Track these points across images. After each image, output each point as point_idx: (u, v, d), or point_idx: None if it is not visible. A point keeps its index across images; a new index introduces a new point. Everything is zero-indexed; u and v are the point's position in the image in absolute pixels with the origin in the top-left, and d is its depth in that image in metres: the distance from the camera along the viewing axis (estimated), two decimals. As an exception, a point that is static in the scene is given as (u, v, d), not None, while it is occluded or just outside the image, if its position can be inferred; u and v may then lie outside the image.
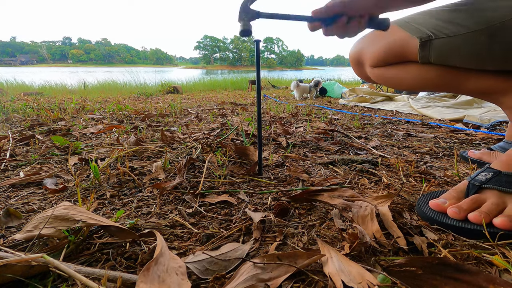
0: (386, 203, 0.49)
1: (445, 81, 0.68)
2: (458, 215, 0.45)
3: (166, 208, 0.54)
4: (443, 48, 0.62)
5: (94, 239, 0.42)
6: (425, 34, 0.63)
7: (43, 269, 0.33)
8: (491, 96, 0.69)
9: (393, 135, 1.21)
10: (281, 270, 0.34)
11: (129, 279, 0.32)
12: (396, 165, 0.77)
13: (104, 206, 0.55)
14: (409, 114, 1.94)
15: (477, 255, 0.39)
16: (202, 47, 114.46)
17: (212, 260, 0.37)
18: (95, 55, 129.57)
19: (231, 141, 1.03)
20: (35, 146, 0.97)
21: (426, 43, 0.63)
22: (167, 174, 0.71)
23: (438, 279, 0.30)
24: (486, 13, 0.57)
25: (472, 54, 0.60)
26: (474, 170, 0.76)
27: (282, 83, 6.92)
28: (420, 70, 0.69)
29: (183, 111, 1.98)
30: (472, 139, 1.13)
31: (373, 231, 0.43)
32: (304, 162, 0.83)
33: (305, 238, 0.43)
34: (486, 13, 0.57)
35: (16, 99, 2.53)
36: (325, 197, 0.53)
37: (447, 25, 0.61)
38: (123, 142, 1.02)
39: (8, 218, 0.47)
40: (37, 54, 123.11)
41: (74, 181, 0.67)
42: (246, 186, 0.65)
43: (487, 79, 0.64)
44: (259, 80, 0.65)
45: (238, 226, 0.46)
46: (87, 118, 1.57)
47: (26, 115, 1.63)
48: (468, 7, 0.60)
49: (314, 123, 1.51)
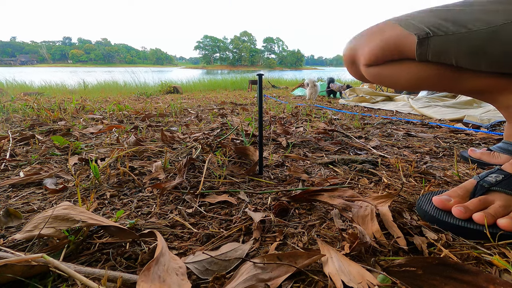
0: (386, 203, 0.49)
1: (442, 80, 0.68)
2: (464, 214, 0.45)
3: (166, 208, 0.54)
4: (441, 46, 0.62)
5: (94, 239, 0.42)
6: (423, 31, 0.63)
7: (43, 269, 0.33)
8: (488, 95, 0.69)
9: (393, 135, 1.21)
10: (281, 270, 0.34)
11: (129, 279, 0.32)
12: (396, 165, 0.77)
13: (104, 206, 0.55)
14: (409, 114, 1.94)
15: (477, 255, 0.39)
16: (202, 47, 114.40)
17: (212, 260, 0.37)
18: (95, 55, 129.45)
19: (231, 141, 1.03)
20: (35, 146, 0.97)
21: (424, 40, 0.63)
22: (167, 174, 0.71)
23: (438, 279, 0.30)
24: (486, 15, 0.57)
25: (469, 54, 0.60)
26: (474, 170, 0.76)
27: (282, 83, 6.92)
28: (417, 68, 0.69)
29: (183, 111, 1.98)
30: (472, 139, 1.13)
31: (373, 231, 0.43)
32: (304, 162, 0.83)
33: (305, 238, 0.43)
34: (486, 15, 0.57)
35: (16, 99, 2.53)
36: (325, 197, 0.53)
37: (446, 23, 0.61)
38: (123, 142, 1.02)
39: (8, 218, 0.47)
40: (37, 54, 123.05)
41: (74, 181, 0.67)
42: (246, 186, 0.65)
43: (484, 78, 0.64)
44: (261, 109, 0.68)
45: (238, 226, 0.46)
46: (87, 118, 1.57)
47: (26, 115, 1.63)
48: (468, 8, 0.60)
49: (314, 123, 1.51)
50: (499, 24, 0.55)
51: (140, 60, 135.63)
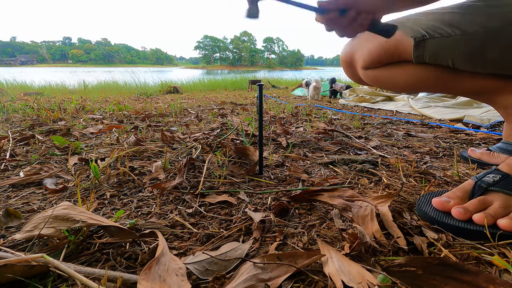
0: (386, 203, 0.49)
1: (440, 82, 0.68)
2: (463, 216, 0.45)
3: (166, 208, 0.54)
4: (438, 48, 0.62)
5: (94, 239, 0.42)
6: (419, 33, 0.63)
7: (43, 269, 0.33)
8: (486, 96, 0.69)
9: (393, 135, 1.21)
10: (281, 270, 0.34)
11: (129, 279, 0.32)
12: (396, 165, 0.77)
13: (104, 206, 0.55)
14: (409, 114, 1.94)
15: (477, 255, 0.39)
16: (202, 47, 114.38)
17: (212, 260, 0.37)
18: (95, 55, 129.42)
19: (231, 141, 1.03)
20: (35, 146, 0.97)
21: (420, 43, 0.63)
22: (167, 174, 0.71)
23: (438, 279, 0.30)
24: (481, 18, 0.57)
25: (465, 56, 0.60)
26: (474, 170, 0.76)
27: (282, 83, 6.92)
28: (414, 70, 0.69)
29: (183, 111, 1.98)
30: (472, 139, 1.13)
31: (373, 231, 0.43)
32: (304, 162, 0.83)
33: (305, 238, 0.43)
34: (481, 18, 0.57)
35: (16, 99, 2.53)
36: (325, 197, 0.53)
37: (442, 26, 0.61)
38: (123, 142, 1.02)
39: (8, 218, 0.47)
40: (37, 54, 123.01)
41: (74, 181, 0.67)
42: (246, 186, 0.65)
43: (481, 79, 0.64)
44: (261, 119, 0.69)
45: (238, 226, 0.46)
46: (87, 118, 1.57)
47: (26, 115, 1.63)
48: (465, 11, 0.60)
49: (314, 123, 1.51)
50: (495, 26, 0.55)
51: (140, 60, 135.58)
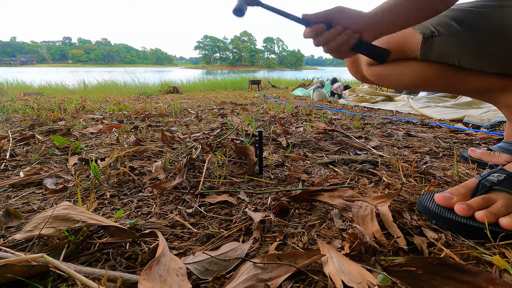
0: (386, 203, 0.49)
1: (443, 80, 0.68)
2: (466, 212, 0.45)
3: (166, 208, 0.54)
4: (445, 45, 0.62)
5: (94, 239, 0.42)
6: (428, 30, 0.63)
7: (43, 269, 0.33)
8: (489, 95, 0.69)
9: (393, 135, 1.21)
10: (281, 270, 0.34)
11: (129, 279, 0.32)
12: (396, 165, 0.77)
13: (104, 206, 0.55)
14: (409, 114, 1.94)
15: (477, 255, 0.39)
16: (202, 47, 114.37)
17: (212, 260, 0.37)
18: (95, 55, 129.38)
19: (231, 141, 1.03)
20: (35, 146, 0.97)
21: (429, 39, 0.63)
22: (167, 174, 0.71)
23: (438, 279, 0.30)
24: (491, 18, 0.57)
25: (472, 55, 0.60)
26: (474, 170, 0.76)
27: (282, 83, 6.92)
28: (419, 67, 0.69)
29: (183, 111, 1.97)
30: (472, 139, 1.13)
31: (373, 231, 0.43)
32: (304, 162, 0.83)
33: (305, 238, 0.43)
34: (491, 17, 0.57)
35: (16, 99, 2.53)
36: (325, 197, 0.53)
37: (452, 23, 0.61)
38: (123, 142, 1.02)
39: (8, 218, 0.47)
40: (37, 54, 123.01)
41: (74, 181, 0.67)
42: (246, 186, 0.65)
43: (486, 78, 0.64)
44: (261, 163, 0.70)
45: (238, 226, 0.46)
46: (87, 118, 1.57)
47: (26, 115, 1.63)
48: (475, 10, 0.60)
49: (314, 123, 1.51)
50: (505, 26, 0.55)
51: (140, 60, 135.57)
